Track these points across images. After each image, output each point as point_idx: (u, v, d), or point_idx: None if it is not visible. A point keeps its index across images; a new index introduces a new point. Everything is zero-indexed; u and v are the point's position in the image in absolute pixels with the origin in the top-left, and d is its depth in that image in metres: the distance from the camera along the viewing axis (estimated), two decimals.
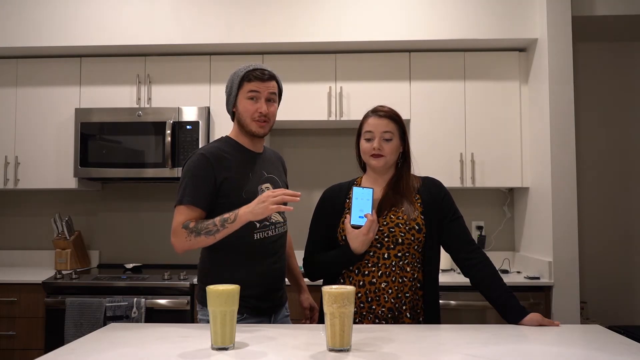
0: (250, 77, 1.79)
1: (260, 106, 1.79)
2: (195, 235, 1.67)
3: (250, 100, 1.79)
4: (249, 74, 1.80)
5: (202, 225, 1.67)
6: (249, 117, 1.80)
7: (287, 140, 3.65)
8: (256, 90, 1.79)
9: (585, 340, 1.49)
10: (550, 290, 2.91)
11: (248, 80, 1.79)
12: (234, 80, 1.83)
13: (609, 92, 3.63)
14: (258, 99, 1.80)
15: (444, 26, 3.18)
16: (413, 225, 1.71)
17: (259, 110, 1.79)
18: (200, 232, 1.67)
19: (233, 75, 1.84)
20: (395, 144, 1.76)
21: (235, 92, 1.82)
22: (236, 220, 1.64)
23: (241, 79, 1.80)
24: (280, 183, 1.90)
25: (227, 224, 1.65)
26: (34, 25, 3.26)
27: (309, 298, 2.06)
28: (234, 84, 1.82)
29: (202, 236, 1.67)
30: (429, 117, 3.28)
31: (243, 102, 1.80)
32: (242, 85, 1.80)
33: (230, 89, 1.84)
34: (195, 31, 3.22)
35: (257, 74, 1.79)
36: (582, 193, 3.49)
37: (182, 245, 1.70)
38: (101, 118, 3.25)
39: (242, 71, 1.81)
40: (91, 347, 1.36)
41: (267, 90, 1.80)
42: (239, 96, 1.81)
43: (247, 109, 1.80)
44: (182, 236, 1.69)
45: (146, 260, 3.58)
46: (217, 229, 1.66)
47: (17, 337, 2.93)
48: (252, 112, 1.79)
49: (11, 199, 3.70)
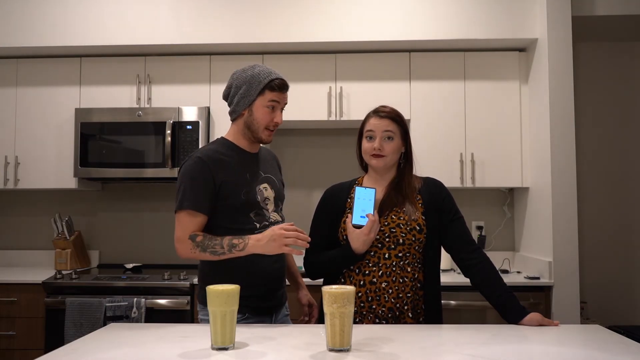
0: (273, 87, 1.76)
1: (276, 116, 1.79)
2: (201, 250, 1.68)
3: (268, 109, 1.77)
4: (272, 82, 1.76)
5: (209, 243, 1.67)
6: (263, 126, 1.78)
7: (287, 140, 3.65)
8: (277, 101, 1.78)
9: (585, 340, 1.49)
10: (550, 290, 2.91)
11: (271, 89, 1.76)
12: (252, 84, 1.76)
13: (609, 92, 3.63)
14: (276, 109, 1.79)
15: (444, 26, 3.18)
16: (414, 225, 1.71)
17: (275, 121, 1.79)
18: (206, 250, 1.68)
19: (250, 77, 1.77)
20: (396, 144, 1.76)
21: (253, 97, 1.77)
22: (244, 250, 1.65)
23: (264, 85, 1.76)
24: (277, 182, 1.90)
25: (235, 251, 1.66)
26: (34, 25, 3.26)
27: (308, 294, 2.06)
28: (253, 88, 1.76)
29: (207, 253, 1.68)
30: (429, 117, 3.29)
31: (261, 109, 1.77)
32: (263, 92, 1.76)
33: (247, 92, 1.77)
34: (195, 31, 3.22)
35: (279, 83, 1.77)
36: (582, 193, 3.49)
37: (186, 254, 1.72)
38: (101, 118, 3.25)
39: (264, 77, 1.76)
40: (91, 347, 1.36)
41: (284, 101, 1.81)
42: (257, 102, 1.77)
43: (265, 117, 1.77)
44: (188, 247, 1.69)
45: (146, 260, 3.58)
46: (223, 252, 1.66)
47: (17, 337, 2.92)
48: (268, 121, 1.78)
49: (11, 199, 3.70)
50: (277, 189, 1.88)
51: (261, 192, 1.80)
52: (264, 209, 1.80)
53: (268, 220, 1.80)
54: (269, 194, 1.83)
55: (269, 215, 1.81)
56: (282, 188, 1.94)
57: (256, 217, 1.78)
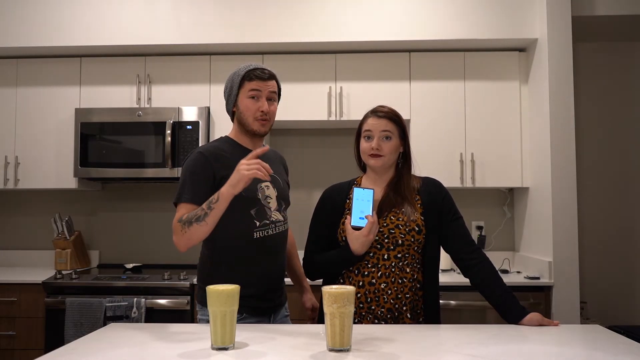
0: (251, 76, 1.80)
1: (261, 104, 1.80)
2: (188, 225, 1.65)
3: (251, 99, 1.80)
4: (249, 73, 1.80)
5: (191, 214, 1.66)
6: (251, 116, 1.80)
7: (287, 140, 3.65)
8: (257, 89, 1.80)
9: (585, 340, 1.49)
10: (550, 290, 2.91)
11: (249, 79, 1.80)
12: (234, 80, 1.83)
13: (609, 92, 3.63)
14: (259, 98, 1.80)
15: (444, 26, 3.18)
16: (413, 226, 1.71)
17: (261, 109, 1.80)
18: (192, 221, 1.65)
19: (233, 75, 1.84)
20: (394, 144, 1.76)
21: (236, 91, 1.82)
22: (220, 198, 1.62)
23: (242, 78, 1.81)
24: (280, 182, 1.89)
25: (213, 204, 1.62)
26: (34, 25, 3.26)
27: (312, 298, 2.05)
28: (235, 84, 1.82)
29: (193, 224, 1.64)
30: (429, 117, 3.29)
31: (244, 101, 1.80)
32: (242, 84, 1.81)
33: (231, 89, 1.84)
34: (195, 31, 3.23)
35: (258, 73, 1.80)
36: (582, 193, 3.49)
37: (180, 240, 1.68)
38: (101, 118, 3.25)
39: (242, 71, 1.82)
40: (91, 347, 1.36)
41: (267, 89, 1.81)
42: (240, 95, 1.81)
43: (249, 107, 1.80)
44: (179, 231, 1.68)
45: (146, 260, 3.58)
46: (205, 213, 1.63)
47: (17, 337, 2.93)
48: (254, 110, 1.80)
49: (11, 199, 3.70)
50: (281, 189, 1.87)
51: (262, 190, 1.80)
52: (265, 206, 1.80)
53: (269, 219, 1.80)
54: (271, 192, 1.82)
55: (270, 213, 1.81)
56: (286, 188, 1.94)
57: (257, 214, 1.78)
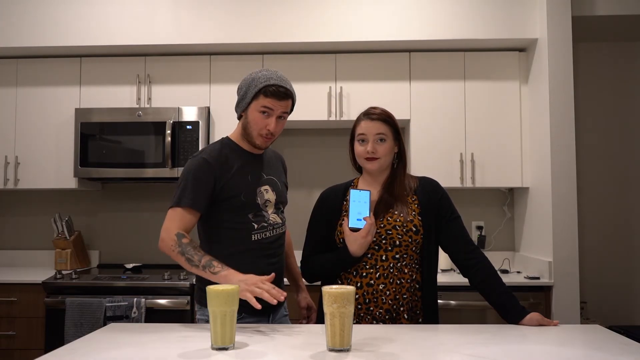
0: (267, 92, 1.72)
1: (269, 123, 1.75)
2: (179, 253, 1.66)
3: (261, 114, 1.74)
4: (267, 88, 1.72)
5: (190, 250, 1.65)
6: (256, 131, 1.76)
7: (287, 140, 3.65)
8: (270, 108, 1.73)
9: (585, 340, 1.49)
10: (550, 290, 2.91)
11: (265, 94, 1.72)
12: (250, 87, 1.75)
13: (609, 92, 3.63)
14: (269, 116, 1.75)
15: (444, 26, 3.18)
16: (410, 227, 1.71)
17: (268, 128, 1.75)
18: (185, 254, 1.65)
19: (251, 81, 1.75)
20: (389, 146, 1.75)
21: (249, 100, 1.76)
22: (217, 276, 1.59)
23: (259, 90, 1.73)
24: (279, 184, 1.89)
25: (208, 271, 1.61)
26: (34, 25, 3.26)
27: (307, 297, 2.05)
28: (250, 92, 1.75)
29: (183, 258, 1.66)
30: (429, 117, 3.28)
31: (254, 113, 1.75)
32: (257, 96, 1.74)
33: (244, 95, 1.77)
34: (195, 31, 3.22)
35: (274, 90, 1.71)
36: (582, 193, 3.50)
37: (166, 248, 1.70)
38: (101, 118, 3.25)
39: (261, 83, 1.72)
40: (91, 347, 1.36)
41: (280, 109, 1.75)
42: (252, 106, 1.75)
43: (257, 122, 1.75)
44: (170, 242, 1.68)
45: (146, 260, 3.58)
46: (197, 266, 1.63)
47: (17, 337, 2.93)
48: (261, 127, 1.75)
49: (11, 199, 3.70)
50: (279, 191, 1.87)
51: (262, 194, 1.80)
52: (263, 210, 1.80)
53: (267, 222, 1.81)
54: (270, 196, 1.83)
55: (268, 216, 1.81)
56: (284, 190, 1.94)
57: (255, 218, 1.78)
